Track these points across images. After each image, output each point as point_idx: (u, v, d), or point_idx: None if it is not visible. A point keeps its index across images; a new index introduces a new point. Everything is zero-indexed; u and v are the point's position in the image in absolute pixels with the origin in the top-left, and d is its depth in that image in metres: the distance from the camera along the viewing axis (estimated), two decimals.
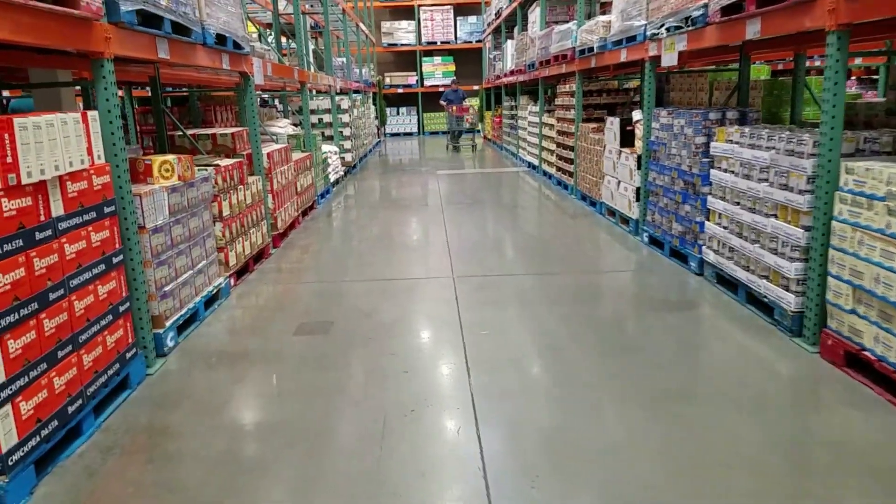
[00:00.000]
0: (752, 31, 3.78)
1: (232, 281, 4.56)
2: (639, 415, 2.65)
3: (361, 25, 15.96)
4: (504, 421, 2.63)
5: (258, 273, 4.99)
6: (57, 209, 2.45)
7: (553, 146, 9.44)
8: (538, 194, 8.86)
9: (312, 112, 10.98)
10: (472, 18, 21.12)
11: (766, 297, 3.67)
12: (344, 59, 13.63)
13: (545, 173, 10.14)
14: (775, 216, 3.61)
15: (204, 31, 4.13)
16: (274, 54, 8.89)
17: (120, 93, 11.54)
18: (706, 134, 4.60)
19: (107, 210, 2.80)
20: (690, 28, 4.56)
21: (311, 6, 12.09)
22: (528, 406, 2.76)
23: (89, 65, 2.90)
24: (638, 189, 5.75)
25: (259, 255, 5.27)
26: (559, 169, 9.05)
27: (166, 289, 3.45)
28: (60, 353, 2.44)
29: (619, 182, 6.22)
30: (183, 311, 3.62)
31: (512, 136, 13.60)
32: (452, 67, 21.17)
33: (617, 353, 3.30)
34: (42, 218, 2.36)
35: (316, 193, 8.05)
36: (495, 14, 15.61)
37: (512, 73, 12.92)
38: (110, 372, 2.78)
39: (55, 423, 2.39)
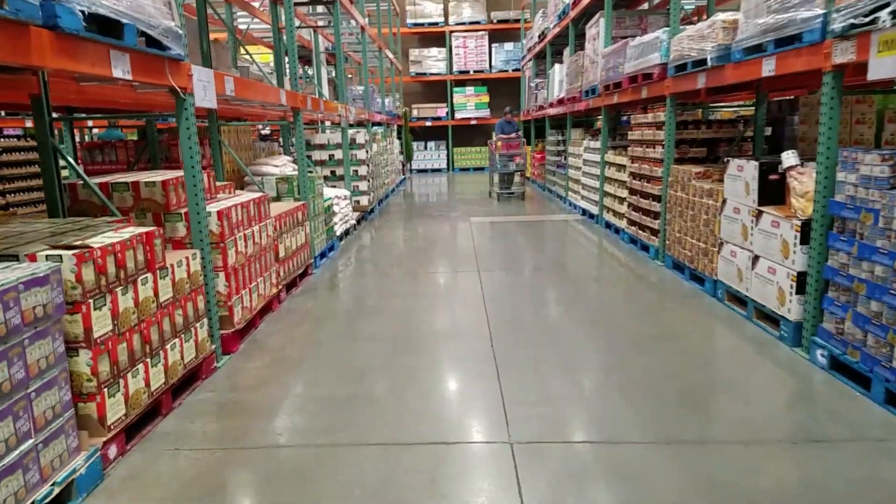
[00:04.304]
0: None
1: (114, 449, 2.52)
2: None
3: (387, 52, 14.23)
4: None
5: (178, 418, 2.92)
6: None
7: (622, 192, 7.33)
8: (605, 256, 6.72)
9: (321, 147, 9.12)
10: (509, 45, 19.36)
11: None
12: (363, 88, 11.83)
13: (608, 225, 8.02)
14: None
15: (52, 3, 2.18)
16: (272, 80, 7.05)
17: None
18: None
19: None
20: None
21: (322, 22, 10.31)
22: None
23: None
24: (801, 275, 3.59)
25: (190, 378, 3.23)
26: (633, 223, 6.92)
27: None
28: None
29: (758, 258, 4.07)
30: None
31: (559, 175, 11.55)
32: (486, 98, 19.36)
33: None
34: None
35: (313, 254, 6.06)
36: (538, 36, 13.75)
37: (560, 101, 10.95)
38: None
39: None
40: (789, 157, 3.95)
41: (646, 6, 10.24)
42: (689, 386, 3.19)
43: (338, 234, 7.43)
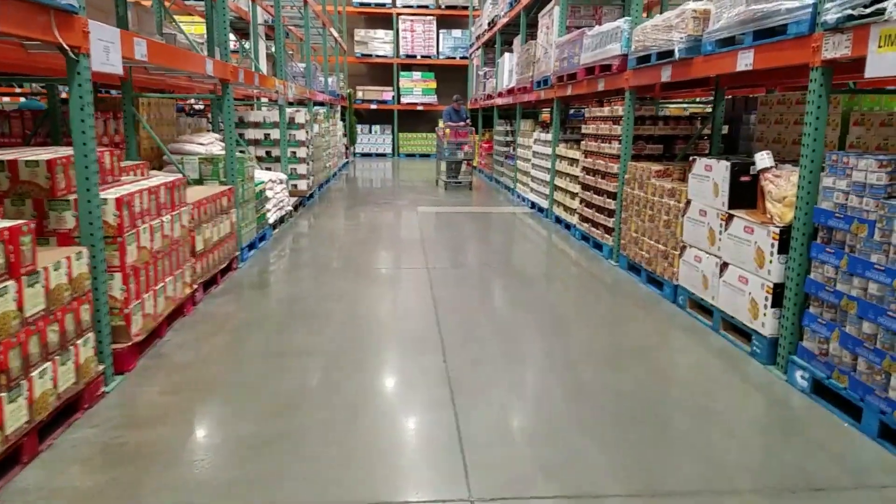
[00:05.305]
0: None
1: None
2: None
3: (331, 29, 13.47)
4: None
5: (44, 468, 2.31)
6: None
7: (574, 187, 7.01)
8: (558, 254, 6.38)
9: (256, 126, 8.41)
10: (457, 32, 18.85)
11: None
12: (304, 66, 11.09)
13: (558, 220, 7.70)
14: None
15: None
16: (202, 50, 6.33)
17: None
18: None
19: None
20: None
21: None
22: None
23: None
24: (778, 287, 3.30)
25: (68, 409, 2.63)
26: (585, 219, 6.60)
27: None
28: None
29: (727, 265, 3.77)
30: None
31: (507, 167, 11.20)
32: (433, 84, 18.82)
33: None
34: None
35: (239, 246, 5.44)
36: (488, 24, 13.32)
37: (510, 91, 10.57)
38: None
39: None
40: (763, 159, 3.65)
41: None
42: (662, 415, 2.83)
43: (270, 222, 6.80)
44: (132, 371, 3.14)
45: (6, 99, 10.75)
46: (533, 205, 9.03)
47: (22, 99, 10.73)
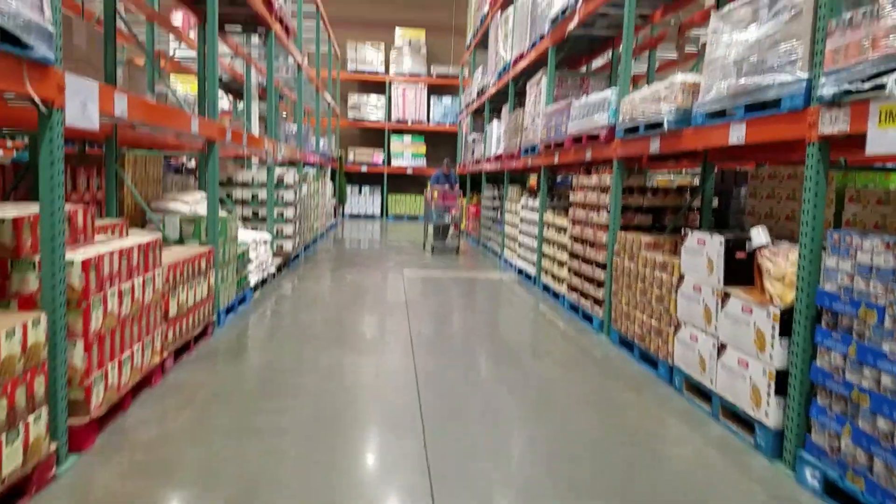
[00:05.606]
0: None
1: None
2: None
3: (325, 93, 13.69)
4: None
5: None
6: None
7: (563, 255, 6.93)
8: (546, 325, 6.21)
9: (245, 185, 8.33)
10: (447, 99, 19.28)
11: None
12: (296, 127, 11.16)
13: (546, 288, 7.57)
14: None
15: None
16: (185, 107, 6.31)
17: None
18: None
19: None
20: None
21: (256, 54, 9.66)
22: None
23: None
24: (781, 374, 3.14)
25: (13, 494, 2.36)
26: (574, 289, 6.48)
27: None
28: None
29: (724, 347, 3.62)
30: None
31: (494, 231, 11.18)
32: (423, 149, 19.07)
33: None
34: None
35: (217, 309, 5.21)
36: (477, 93, 13.62)
37: (498, 157, 10.68)
38: None
39: None
40: (759, 235, 3.57)
41: (583, 69, 10.21)
42: None
43: (252, 283, 6.59)
44: (89, 450, 2.87)
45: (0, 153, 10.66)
46: (520, 271, 8.92)
47: (14, 153, 10.65)
